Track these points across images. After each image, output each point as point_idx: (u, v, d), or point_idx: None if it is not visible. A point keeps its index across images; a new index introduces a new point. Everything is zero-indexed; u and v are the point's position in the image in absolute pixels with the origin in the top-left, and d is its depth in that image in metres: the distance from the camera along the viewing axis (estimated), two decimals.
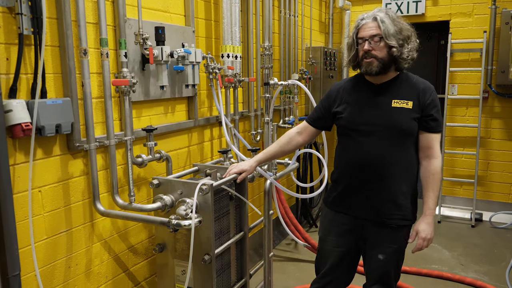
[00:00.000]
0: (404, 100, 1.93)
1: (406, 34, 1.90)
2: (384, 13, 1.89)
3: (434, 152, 1.95)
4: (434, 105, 1.93)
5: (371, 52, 1.88)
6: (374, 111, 1.96)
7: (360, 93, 2.02)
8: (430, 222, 1.95)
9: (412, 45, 1.93)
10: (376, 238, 2.00)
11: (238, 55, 3.00)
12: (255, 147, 2.76)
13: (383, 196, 1.95)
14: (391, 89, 1.96)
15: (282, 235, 4.28)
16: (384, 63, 1.90)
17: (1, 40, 1.70)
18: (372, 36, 1.87)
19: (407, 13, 4.97)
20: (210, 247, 2.11)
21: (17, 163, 1.80)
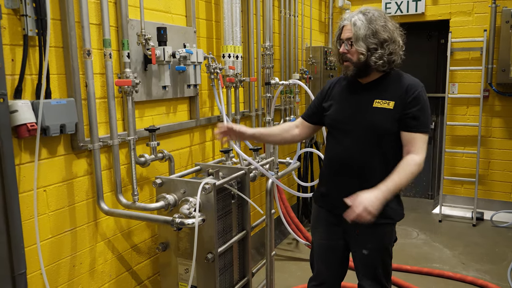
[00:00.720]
0: (386, 101, 1.88)
1: (382, 37, 1.82)
2: (362, 14, 1.84)
3: (414, 149, 1.85)
4: (416, 103, 1.85)
5: (346, 55, 1.89)
6: (354, 110, 1.95)
7: (347, 91, 2.02)
8: (378, 196, 1.72)
9: (389, 49, 1.84)
10: (360, 235, 2.01)
11: (239, 55, 3.02)
12: (257, 147, 2.78)
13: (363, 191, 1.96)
14: (377, 88, 1.93)
15: (284, 234, 4.30)
16: (358, 67, 1.88)
17: (6, 42, 1.72)
18: (347, 39, 1.86)
19: (407, 12, 4.99)
20: (213, 245, 2.13)
21: (22, 162, 1.83)
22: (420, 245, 4.18)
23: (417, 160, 1.84)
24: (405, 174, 1.80)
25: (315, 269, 2.23)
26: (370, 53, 1.83)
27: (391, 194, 1.77)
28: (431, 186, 5.58)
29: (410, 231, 4.51)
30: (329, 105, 2.05)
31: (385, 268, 2.05)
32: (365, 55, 1.83)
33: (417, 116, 1.85)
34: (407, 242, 4.23)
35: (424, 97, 1.89)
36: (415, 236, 4.39)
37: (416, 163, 1.83)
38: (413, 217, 4.91)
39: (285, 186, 2.62)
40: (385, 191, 1.75)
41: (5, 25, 1.71)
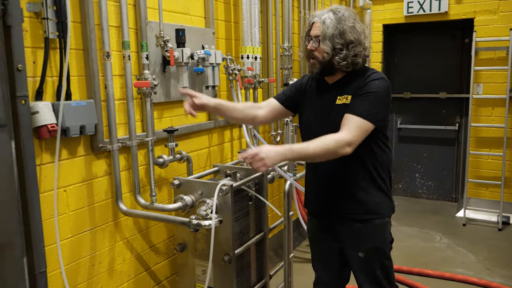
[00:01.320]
0: (345, 96, 1.85)
1: (349, 38, 1.81)
2: (332, 13, 1.83)
3: (342, 129, 1.78)
4: (363, 90, 1.81)
5: (313, 52, 1.86)
6: (320, 110, 1.94)
7: (315, 92, 1.99)
8: (278, 150, 1.68)
9: (354, 51, 1.82)
10: (350, 237, 1.98)
11: (257, 56, 3.02)
12: None
13: (339, 194, 1.94)
14: (341, 86, 1.90)
15: (302, 236, 4.26)
16: (322, 65, 1.86)
17: (28, 44, 1.76)
18: (315, 36, 1.85)
19: (430, 11, 4.89)
20: (230, 247, 2.12)
21: (43, 163, 1.86)
22: (443, 249, 4.08)
23: (338, 137, 1.75)
24: (318, 144, 1.73)
25: (315, 273, 2.21)
26: (335, 52, 1.81)
27: (293, 156, 1.72)
28: (454, 189, 5.45)
29: (433, 234, 4.41)
30: (303, 105, 2.03)
31: (385, 270, 1.99)
32: (330, 54, 1.82)
33: (359, 99, 1.80)
34: (430, 246, 4.14)
35: (376, 86, 1.81)
36: (437, 240, 4.29)
37: (335, 139, 1.74)
38: (436, 220, 4.81)
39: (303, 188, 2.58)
40: (288, 149, 1.71)
41: (27, 28, 1.75)
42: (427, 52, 5.38)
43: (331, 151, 1.74)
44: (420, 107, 5.49)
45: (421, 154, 5.58)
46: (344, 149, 1.75)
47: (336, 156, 1.77)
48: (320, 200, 2.04)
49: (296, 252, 3.99)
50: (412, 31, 5.41)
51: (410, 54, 5.52)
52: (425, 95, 5.43)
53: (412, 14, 5.01)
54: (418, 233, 4.43)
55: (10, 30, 1.62)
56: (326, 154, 1.76)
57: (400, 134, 5.67)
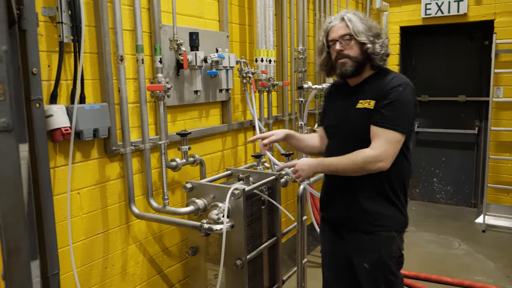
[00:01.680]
0: (367, 100, 1.82)
1: (375, 31, 1.85)
2: (351, 13, 1.87)
3: (372, 144, 1.76)
4: (389, 98, 1.77)
5: (343, 52, 1.84)
6: (339, 113, 1.94)
7: (337, 96, 2.02)
8: (310, 163, 1.85)
9: (383, 41, 1.85)
10: (354, 246, 1.94)
11: (272, 59, 3.00)
12: (289, 152, 2.74)
13: (348, 200, 1.91)
14: (363, 89, 1.88)
15: (317, 240, 4.21)
16: (358, 61, 1.84)
17: (43, 48, 1.78)
18: (342, 36, 1.84)
19: (448, 13, 4.80)
20: (242, 252, 2.11)
21: (57, 165, 1.88)
22: (461, 256, 3.98)
23: (367, 153, 1.75)
24: (346, 160, 1.78)
25: (324, 278, 2.18)
26: (372, 44, 1.82)
27: (324, 169, 1.85)
28: (474, 194, 5.33)
29: (451, 240, 4.31)
30: (324, 110, 2.08)
31: (389, 286, 1.92)
32: (369, 44, 1.81)
33: (386, 110, 1.76)
34: (448, 253, 4.04)
35: (403, 94, 1.78)
36: (456, 246, 4.19)
37: (364, 155, 1.75)
38: (455, 226, 4.70)
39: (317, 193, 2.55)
40: (320, 162, 1.84)
41: (42, 32, 1.77)
42: (446, 54, 5.29)
43: (361, 167, 1.76)
44: (439, 111, 5.39)
45: (439, 158, 5.48)
46: (375, 165, 1.74)
47: (369, 171, 1.77)
48: (329, 204, 2.03)
49: (310, 257, 3.95)
50: (430, 33, 5.32)
51: (428, 56, 5.43)
52: (444, 98, 5.33)
53: (430, 16, 4.93)
54: (436, 239, 4.34)
55: (25, 34, 1.64)
56: (356, 170, 1.78)
57: (418, 137, 5.58)
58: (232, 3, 2.93)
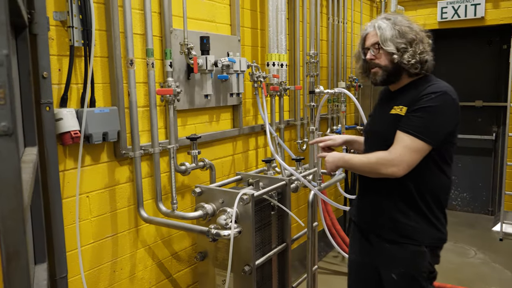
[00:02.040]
0: (400, 106, 1.75)
1: (410, 37, 1.73)
2: (385, 19, 1.78)
3: (390, 148, 1.70)
4: (418, 105, 1.68)
5: (374, 61, 1.80)
6: (376, 118, 1.93)
7: (379, 100, 2.00)
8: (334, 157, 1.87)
9: (419, 48, 1.74)
10: (382, 253, 1.87)
11: (284, 63, 2.98)
12: (300, 157, 2.71)
13: (377, 208, 1.86)
14: (399, 95, 1.81)
15: (330, 246, 4.16)
16: (388, 71, 1.78)
17: (54, 52, 1.79)
18: (372, 44, 1.79)
19: (465, 16, 4.71)
20: (250, 257, 2.08)
21: (67, 169, 1.88)
22: (477, 265, 3.89)
23: (382, 154, 1.70)
24: (363, 158, 1.78)
25: (347, 286, 2.11)
26: (401, 53, 1.73)
27: (344, 164, 1.86)
28: (491, 202, 5.20)
29: (467, 249, 4.21)
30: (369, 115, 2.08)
31: None
32: (398, 54, 1.73)
33: (413, 116, 1.68)
34: (464, 261, 3.95)
35: (434, 101, 1.66)
36: (472, 255, 4.10)
37: (378, 156, 1.71)
38: (471, 234, 4.59)
39: (327, 198, 2.53)
40: (341, 157, 1.86)
41: (53, 36, 1.78)
42: (462, 59, 5.19)
43: (373, 168, 1.73)
44: None
45: (455, 164, 5.33)
46: (387, 169, 1.68)
47: (381, 174, 1.72)
48: (359, 209, 1.99)
49: (322, 263, 3.91)
50: (446, 37, 5.23)
51: (444, 61, 5.34)
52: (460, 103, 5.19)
53: (446, 20, 4.85)
54: (452, 247, 4.24)
55: (36, 38, 1.65)
56: (370, 170, 1.75)
57: None
58: (244, 7, 2.92)
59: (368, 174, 1.79)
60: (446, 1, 4.82)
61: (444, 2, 4.83)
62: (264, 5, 3.04)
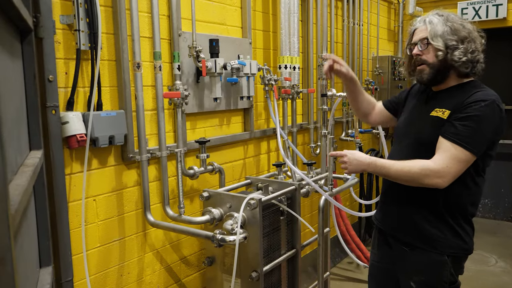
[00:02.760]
0: (443, 109, 1.66)
1: (462, 34, 1.64)
2: (437, 14, 1.69)
3: (435, 157, 1.61)
4: (467, 112, 1.59)
5: (420, 57, 1.70)
6: (412, 119, 1.81)
7: (416, 99, 1.88)
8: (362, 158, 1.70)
9: (471, 46, 1.65)
10: (403, 260, 1.81)
11: (296, 66, 2.94)
12: (311, 161, 2.66)
13: (401, 212, 1.79)
14: (443, 97, 1.73)
15: (344, 252, 4.08)
16: (435, 69, 1.68)
17: (60, 56, 1.79)
18: (421, 39, 1.70)
19: (486, 17, 4.58)
20: (257, 263, 2.04)
21: (73, 172, 1.88)
22: (498, 273, 3.75)
23: (427, 164, 1.60)
24: (402, 166, 1.64)
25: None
26: (451, 50, 1.64)
27: (375, 170, 1.71)
28: None
29: (487, 257, 4.07)
30: (402, 110, 1.93)
31: None
32: (444, 52, 1.64)
33: (460, 123, 1.59)
34: (484, 270, 3.82)
35: (484, 110, 1.58)
36: (493, 263, 3.96)
37: (422, 166, 1.60)
38: (492, 241, 4.44)
39: (339, 204, 2.47)
40: (372, 162, 1.69)
41: (60, 39, 1.79)
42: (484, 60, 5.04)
43: (414, 178, 1.62)
44: None
45: None
46: (432, 180, 1.59)
47: (423, 185, 1.62)
48: (382, 212, 1.91)
49: (336, 269, 3.83)
50: None
51: None
52: None
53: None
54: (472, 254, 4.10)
55: (42, 42, 1.66)
56: (409, 180, 1.65)
57: None
58: (255, 10, 2.89)
59: (405, 183, 1.67)
60: (467, 2, 4.69)
61: (464, 3, 4.71)
62: (276, 7, 3.01)
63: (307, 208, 3.55)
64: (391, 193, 1.85)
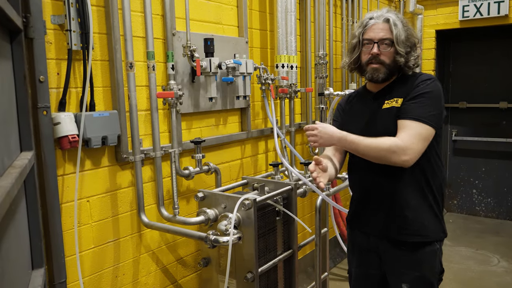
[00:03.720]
0: (394, 99, 1.71)
1: (413, 41, 1.74)
2: (395, 16, 1.73)
3: (399, 135, 1.63)
4: (417, 92, 1.67)
5: (379, 56, 1.71)
6: (365, 120, 1.80)
7: (357, 103, 1.88)
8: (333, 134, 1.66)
9: (418, 53, 1.77)
10: (394, 261, 1.78)
11: (294, 65, 2.92)
12: (308, 160, 2.64)
13: (388, 209, 1.76)
14: (387, 91, 1.78)
15: (344, 252, 4.05)
16: (390, 70, 1.73)
17: (52, 56, 1.78)
18: (382, 39, 1.70)
19: (488, 15, 4.53)
20: (253, 264, 2.02)
21: (66, 173, 1.87)
22: (501, 274, 3.71)
23: (393, 141, 1.61)
24: (371, 142, 1.64)
25: None
26: (407, 56, 1.72)
27: (345, 145, 1.69)
28: None
29: (490, 257, 4.03)
30: (341, 121, 1.90)
31: None
32: (405, 57, 1.71)
33: (415, 102, 1.66)
34: (486, 270, 3.78)
35: (432, 87, 1.68)
36: (495, 263, 3.91)
37: (390, 143, 1.61)
38: (494, 241, 4.40)
39: (335, 203, 2.44)
40: (342, 137, 1.67)
41: (51, 40, 1.78)
42: (485, 59, 5.00)
43: (381, 155, 1.63)
44: (478, 118, 5.10)
45: (479, 169, 5.17)
46: (399, 157, 1.61)
47: (390, 162, 1.63)
48: (363, 215, 1.86)
49: (336, 269, 3.81)
50: (468, 36, 5.06)
51: (466, 61, 5.16)
52: (483, 105, 5.04)
53: (468, 19, 4.68)
54: (474, 254, 4.07)
55: (32, 42, 1.65)
56: (376, 156, 1.65)
57: (456, 146, 5.30)
58: (252, 8, 2.87)
59: (373, 159, 1.67)
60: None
61: (465, 0, 4.66)
62: (273, 6, 2.99)
63: (306, 208, 3.53)
64: (375, 194, 1.80)
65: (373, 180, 1.78)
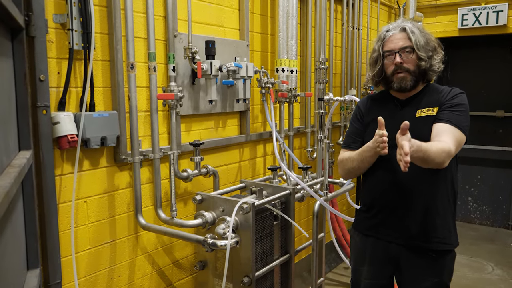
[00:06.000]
0: (429, 108, 1.75)
1: (433, 45, 1.78)
2: (411, 23, 1.78)
3: (441, 137, 1.63)
4: (456, 102, 1.72)
5: (403, 65, 1.74)
6: (398, 125, 1.72)
7: (385, 108, 1.85)
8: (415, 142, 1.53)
9: (440, 56, 1.80)
10: (413, 269, 1.77)
11: (294, 69, 2.92)
12: (306, 165, 2.64)
13: (417, 217, 1.75)
14: (417, 100, 1.81)
15: (340, 257, 4.05)
16: (416, 77, 1.77)
17: (53, 55, 1.77)
18: (402, 48, 1.74)
19: (487, 24, 4.56)
20: (249, 269, 2.02)
21: (64, 173, 1.86)
22: (495, 281, 3.72)
23: (447, 143, 1.60)
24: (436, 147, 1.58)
25: None
26: (430, 60, 1.76)
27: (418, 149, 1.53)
28: (511, 215, 5.00)
29: (484, 264, 4.04)
30: (368, 125, 1.86)
31: None
32: (427, 61, 1.75)
33: (454, 111, 1.70)
34: (480, 277, 3.78)
35: (465, 100, 1.75)
36: (489, 270, 3.92)
37: (446, 145, 1.59)
38: (489, 248, 4.41)
39: (332, 209, 2.44)
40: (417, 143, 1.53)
41: (52, 39, 1.77)
42: (483, 67, 5.04)
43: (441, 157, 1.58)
44: (474, 126, 5.10)
45: (475, 176, 5.19)
46: (445, 160, 1.61)
47: (437, 164, 1.60)
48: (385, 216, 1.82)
49: (331, 274, 3.80)
50: (467, 45, 5.09)
51: (464, 69, 5.19)
52: (480, 113, 5.06)
53: (467, 27, 4.71)
54: (468, 261, 4.08)
55: (33, 41, 1.64)
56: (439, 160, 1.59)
57: None
58: (253, 12, 2.88)
59: (431, 164, 1.60)
60: (467, 8, 4.68)
61: (465, 9, 4.69)
62: (274, 10, 2.99)
63: (303, 213, 3.52)
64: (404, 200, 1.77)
65: (404, 185, 1.75)
